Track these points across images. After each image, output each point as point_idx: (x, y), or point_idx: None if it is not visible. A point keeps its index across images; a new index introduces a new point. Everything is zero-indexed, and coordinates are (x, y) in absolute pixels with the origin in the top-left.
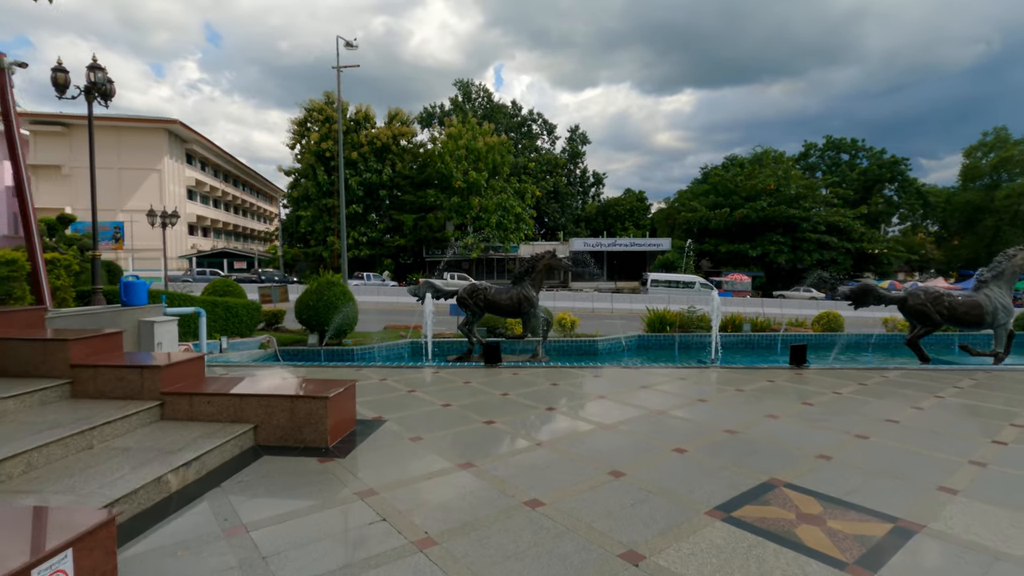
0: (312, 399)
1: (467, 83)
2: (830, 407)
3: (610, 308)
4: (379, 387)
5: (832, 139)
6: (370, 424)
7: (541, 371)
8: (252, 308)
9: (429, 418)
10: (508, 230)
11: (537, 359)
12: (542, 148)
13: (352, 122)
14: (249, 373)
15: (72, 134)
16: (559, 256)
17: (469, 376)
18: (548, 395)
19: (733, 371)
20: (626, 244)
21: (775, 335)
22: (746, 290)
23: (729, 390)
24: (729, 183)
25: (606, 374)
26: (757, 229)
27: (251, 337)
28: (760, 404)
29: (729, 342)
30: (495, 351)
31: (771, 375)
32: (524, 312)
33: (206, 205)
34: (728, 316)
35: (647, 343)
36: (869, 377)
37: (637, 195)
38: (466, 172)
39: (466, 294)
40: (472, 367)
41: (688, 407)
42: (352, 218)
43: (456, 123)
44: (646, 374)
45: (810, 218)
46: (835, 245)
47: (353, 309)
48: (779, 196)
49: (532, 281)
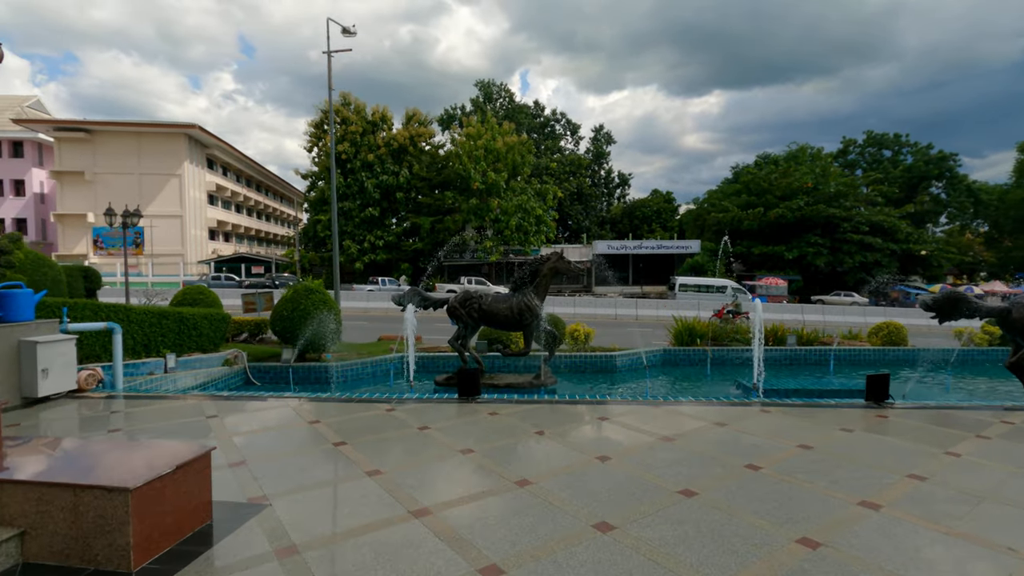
0: (105, 492)
1: (488, 83)
2: (955, 483)
3: (635, 315)
4: (301, 436)
5: (873, 134)
6: (238, 514)
7: (528, 409)
8: (216, 319)
9: (336, 501)
10: (528, 232)
11: (539, 382)
12: (565, 149)
13: (369, 124)
14: (137, 410)
15: (95, 140)
16: (567, 259)
17: (432, 416)
18: (525, 456)
19: (789, 412)
20: (652, 246)
21: (826, 350)
22: (782, 295)
23: (789, 446)
24: (763, 181)
25: (615, 415)
26: (793, 230)
27: (216, 352)
28: (844, 477)
29: (771, 358)
30: (471, 381)
31: (843, 418)
32: (526, 324)
33: (227, 210)
34: (768, 327)
35: (674, 358)
36: (986, 423)
37: (664, 196)
38: (484, 173)
39: (457, 303)
40: (443, 401)
41: (733, 483)
42: (368, 221)
43: (475, 122)
44: (670, 416)
45: (851, 218)
46: (879, 246)
47: (332, 320)
48: (817, 195)
49: (536, 288)
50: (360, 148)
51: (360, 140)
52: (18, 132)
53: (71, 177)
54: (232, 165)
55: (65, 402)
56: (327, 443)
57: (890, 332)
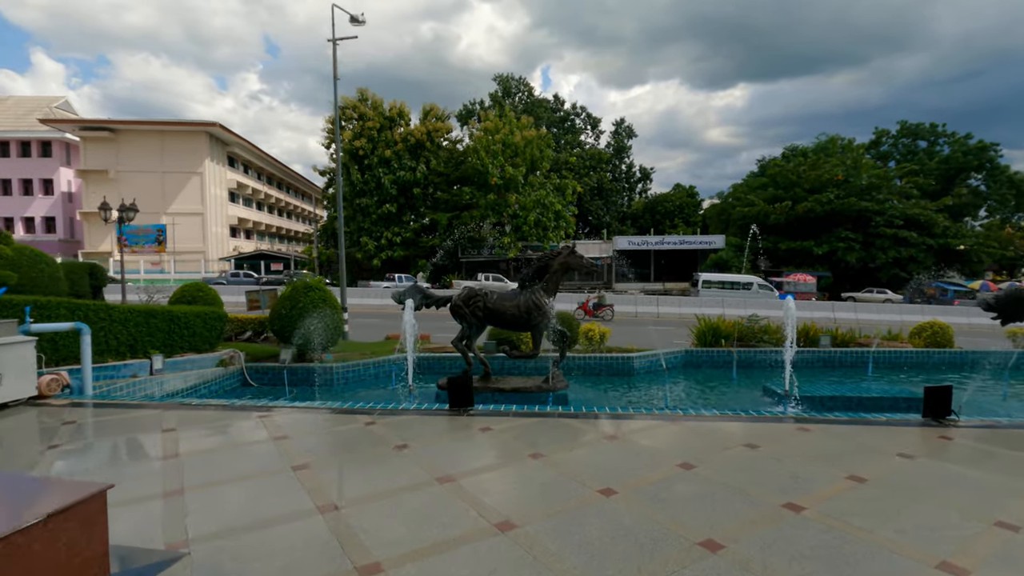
0: None
1: (507, 78)
2: None
3: (656, 312)
4: (261, 457)
5: (907, 124)
6: (145, 569)
7: (525, 425)
8: (212, 318)
9: (269, 550)
10: (547, 228)
11: (549, 386)
12: (586, 143)
13: (386, 119)
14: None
15: (119, 139)
16: (579, 254)
17: (415, 432)
18: (514, 487)
19: (832, 432)
20: (675, 242)
21: (864, 351)
22: (811, 292)
23: (837, 477)
24: (790, 174)
25: (626, 432)
26: (823, 224)
27: (213, 352)
28: (911, 524)
29: (803, 360)
30: (463, 391)
31: (898, 439)
32: (535, 324)
33: (249, 207)
34: (800, 327)
35: (696, 360)
36: None
37: (687, 190)
38: (502, 168)
39: (461, 301)
40: (431, 413)
41: (769, 531)
42: (386, 218)
43: (492, 116)
44: (690, 434)
45: (884, 211)
46: (914, 241)
47: (332, 319)
48: (848, 187)
49: (545, 284)
50: (377, 144)
51: (377, 136)
52: (47, 132)
53: (96, 176)
54: (253, 163)
55: (22, 410)
56: (286, 467)
57: (934, 332)
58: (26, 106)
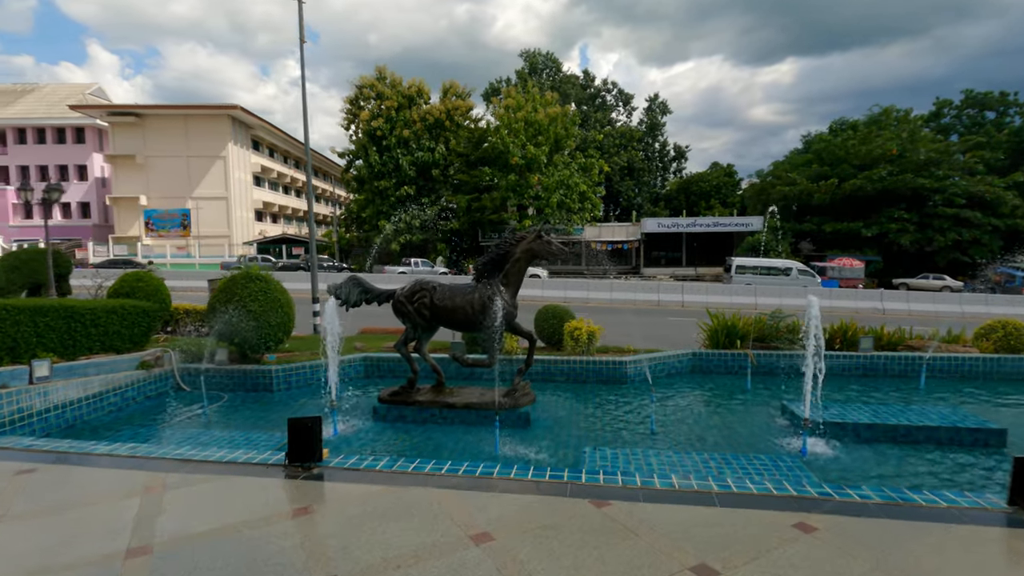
0: None
1: (534, 53)
2: None
3: (680, 301)
4: None
5: (973, 94)
6: None
7: (385, 500)
8: (133, 313)
9: None
10: (571, 210)
11: (511, 400)
12: (617, 121)
13: (405, 98)
14: None
15: (145, 124)
16: (549, 238)
17: (198, 516)
18: None
19: (850, 536)
20: (708, 224)
21: (917, 357)
22: (857, 277)
23: None
24: (838, 149)
25: (507, 542)
26: (873, 203)
27: (137, 352)
28: None
29: (837, 367)
30: (303, 437)
31: (973, 559)
32: (488, 325)
33: (275, 191)
34: (836, 324)
35: (705, 365)
36: None
37: (725, 169)
38: (524, 147)
39: (404, 297)
40: (249, 469)
41: None
42: (404, 200)
43: (515, 93)
44: (601, 538)
45: (944, 189)
46: (978, 221)
47: (277, 314)
48: (903, 163)
49: (505, 277)
50: (396, 124)
51: (396, 116)
52: (81, 119)
53: (124, 161)
54: (278, 147)
55: None
56: None
57: (1007, 334)
58: (61, 93)
